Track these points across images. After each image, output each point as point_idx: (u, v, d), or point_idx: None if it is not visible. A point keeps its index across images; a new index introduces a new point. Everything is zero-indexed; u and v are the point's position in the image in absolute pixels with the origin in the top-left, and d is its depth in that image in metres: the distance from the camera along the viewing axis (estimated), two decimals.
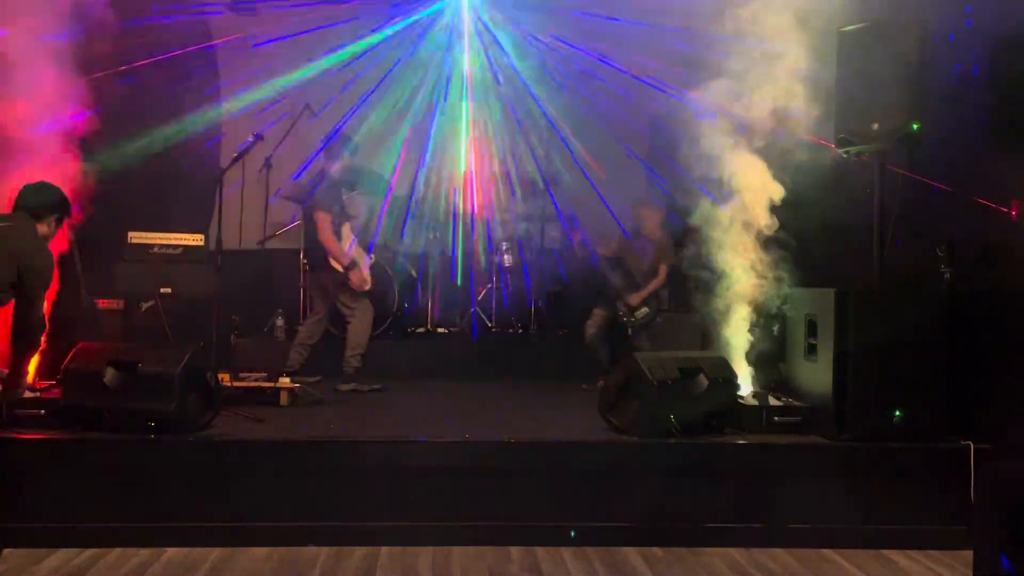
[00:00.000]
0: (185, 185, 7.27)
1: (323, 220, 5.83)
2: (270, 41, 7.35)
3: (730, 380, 4.52)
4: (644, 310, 6.38)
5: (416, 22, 7.89)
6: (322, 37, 7.34)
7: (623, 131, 7.50)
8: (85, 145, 5.09)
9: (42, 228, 4.30)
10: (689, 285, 6.71)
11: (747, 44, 4.82)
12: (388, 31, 7.71)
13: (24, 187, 4.36)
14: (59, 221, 4.39)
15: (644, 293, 6.40)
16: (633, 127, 7.62)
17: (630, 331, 6.34)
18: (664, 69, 6.44)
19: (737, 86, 4.88)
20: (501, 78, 7.92)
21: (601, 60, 7.19)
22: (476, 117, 7.89)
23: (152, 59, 6.39)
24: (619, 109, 7.21)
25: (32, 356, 4.45)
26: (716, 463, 4.32)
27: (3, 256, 4.13)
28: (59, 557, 3.87)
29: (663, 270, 6.43)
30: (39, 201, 4.32)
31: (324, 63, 7.34)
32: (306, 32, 7.37)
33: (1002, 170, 4.99)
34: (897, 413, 4.33)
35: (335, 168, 5.99)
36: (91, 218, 5.14)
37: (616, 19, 6.93)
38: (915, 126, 4.61)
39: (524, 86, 7.75)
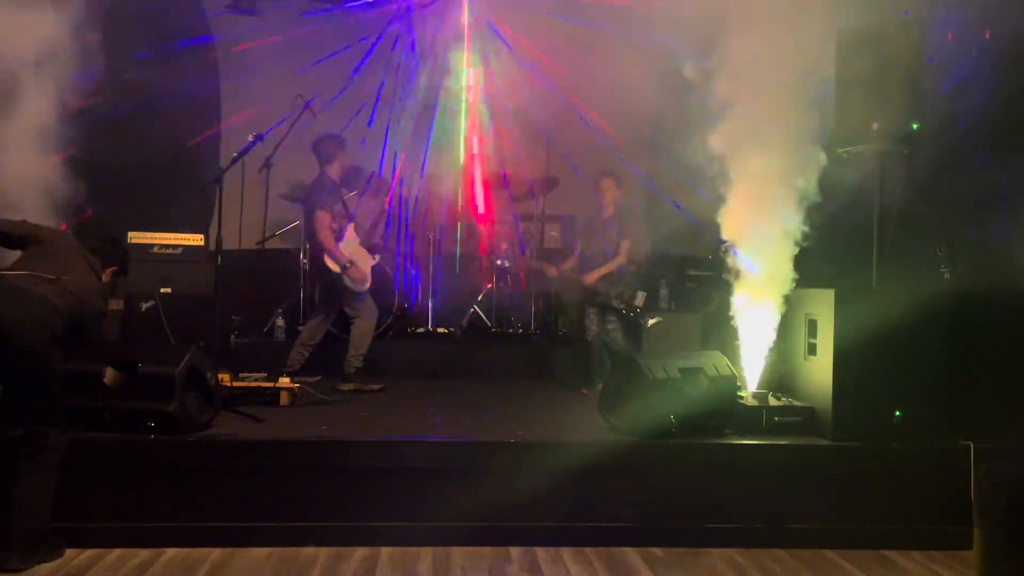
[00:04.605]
0: (185, 185, 7.26)
1: (321, 219, 5.83)
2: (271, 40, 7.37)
3: (730, 380, 4.52)
4: (641, 295, 6.14)
5: (416, 24, 7.89)
6: (322, 37, 7.34)
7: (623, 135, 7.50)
8: (84, 145, 5.08)
9: (105, 278, 4.20)
10: (690, 285, 6.71)
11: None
12: (388, 32, 7.72)
13: (97, 233, 4.34)
14: (115, 276, 4.30)
15: (601, 271, 6.19)
16: (633, 132, 7.61)
17: (642, 332, 6.21)
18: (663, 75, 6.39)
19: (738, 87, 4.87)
20: (500, 80, 7.91)
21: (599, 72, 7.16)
22: (476, 118, 7.88)
23: (153, 58, 6.38)
24: (620, 113, 7.19)
25: None
26: (716, 463, 4.32)
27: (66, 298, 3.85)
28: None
29: (625, 247, 6.21)
30: (108, 252, 4.23)
31: (324, 63, 7.34)
32: (306, 32, 7.38)
33: (1002, 170, 4.99)
34: (897, 413, 4.33)
35: (332, 169, 5.98)
36: (91, 218, 5.13)
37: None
38: (915, 126, 4.62)
39: (524, 88, 7.74)
